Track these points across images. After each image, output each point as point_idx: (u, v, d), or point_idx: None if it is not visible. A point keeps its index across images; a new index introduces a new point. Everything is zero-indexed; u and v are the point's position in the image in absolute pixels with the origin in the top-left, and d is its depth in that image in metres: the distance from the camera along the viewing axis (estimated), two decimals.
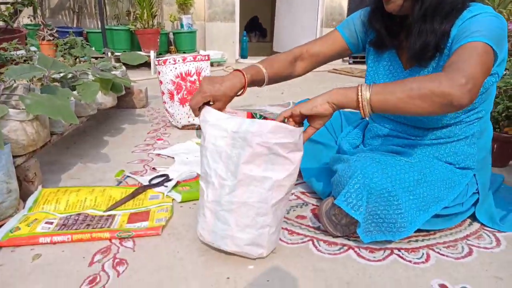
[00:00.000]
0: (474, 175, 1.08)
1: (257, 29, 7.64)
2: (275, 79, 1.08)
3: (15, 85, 1.26)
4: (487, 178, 1.13)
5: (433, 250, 1.00)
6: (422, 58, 0.98)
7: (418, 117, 1.05)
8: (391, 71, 1.10)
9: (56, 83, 1.56)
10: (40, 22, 3.79)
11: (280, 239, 1.03)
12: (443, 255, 0.98)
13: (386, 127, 1.14)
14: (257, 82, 1.03)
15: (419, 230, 1.05)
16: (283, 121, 0.88)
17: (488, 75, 0.85)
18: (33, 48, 2.10)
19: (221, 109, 0.93)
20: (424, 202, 0.97)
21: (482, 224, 1.12)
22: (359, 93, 0.83)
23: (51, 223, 1.06)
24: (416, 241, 1.03)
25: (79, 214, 1.11)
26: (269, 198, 0.87)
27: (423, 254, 0.98)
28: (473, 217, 1.13)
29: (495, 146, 1.51)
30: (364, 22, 1.12)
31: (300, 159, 0.89)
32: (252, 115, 1.00)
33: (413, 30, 0.95)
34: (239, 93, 0.97)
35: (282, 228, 1.08)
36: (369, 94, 0.82)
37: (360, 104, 0.83)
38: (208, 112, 0.89)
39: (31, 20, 4.05)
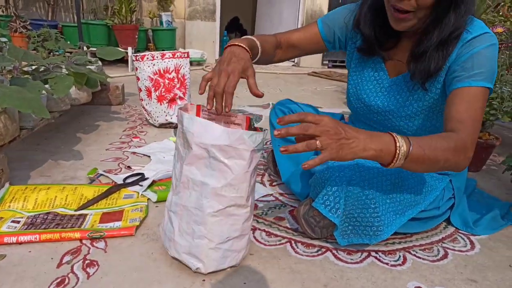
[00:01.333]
0: (450, 180, 1.10)
1: (237, 30, 7.62)
2: (259, 59, 1.01)
3: None
4: (462, 183, 1.15)
5: (409, 252, 1.00)
6: (428, 80, 0.96)
7: (401, 129, 1.06)
8: (376, 78, 1.07)
9: (27, 76, 1.49)
10: (12, 13, 3.65)
11: (258, 241, 1.01)
12: (420, 257, 0.99)
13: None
14: (253, 55, 0.96)
15: (396, 233, 1.05)
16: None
17: None
18: (3, 39, 2.01)
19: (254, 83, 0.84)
20: (401, 206, 0.98)
21: (457, 228, 1.13)
22: (397, 146, 0.75)
23: (18, 222, 1.00)
24: (393, 243, 1.04)
25: (48, 213, 1.06)
26: (204, 206, 0.80)
27: (400, 256, 0.98)
28: (449, 221, 1.15)
29: None
30: (347, 24, 1.09)
31: (247, 171, 0.79)
32: (250, 120, 0.94)
33: (427, 55, 0.92)
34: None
35: (260, 229, 1.07)
36: (407, 149, 0.75)
37: (396, 158, 0.75)
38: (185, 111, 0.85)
39: (2, 11, 3.89)
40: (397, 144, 0.75)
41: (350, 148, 0.71)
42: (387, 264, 0.95)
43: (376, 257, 0.97)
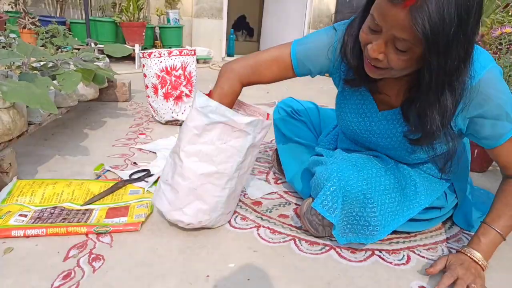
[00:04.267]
0: (452, 184, 1.09)
1: (244, 28, 7.62)
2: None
3: None
4: (465, 184, 1.14)
5: (413, 252, 1.00)
6: (434, 138, 0.85)
7: (396, 158, 1.02)
8: (364, 111, 0.99)
9: (36, 71, 1.50)
10: (21, 10, 3.68)
11: (262, 238, 1.02)
12: (424, 257, 0.98)
13: (361, 147, 1.11)
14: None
15: (399, 232, 1.05)
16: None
17: None
18: (12, 35, 2.03)
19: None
20: (399, 206, 0.97)
21: (460, 227, 1.13)
22: (480, 264, 0.89)
23: (25, 216, 1.02)
24: (397, 242, 1.04)
25: (55, 208, 1.07)
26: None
27: (403, 255, 0.98)
28: (453, 221, 1.15)
29: (475, 151, 1.53)
30: (330, 59, 0.97)
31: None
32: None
33: (423, 110, 0.80)
34: None
35: (264, 226, 1.07)
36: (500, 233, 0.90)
37: (484, 266, 0.89)
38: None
39: (12, 8, 3.93)
40: (480, 263, 0.89)
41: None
42: (391, 263, 0.95)
43: (380, 256, 0.97)
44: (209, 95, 0.99)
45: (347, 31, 0.90)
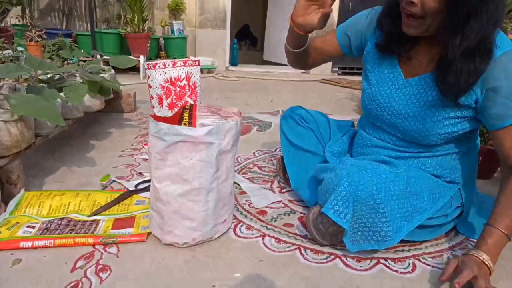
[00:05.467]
0: (459, 189, 1.09)
1: (247, 38, 7.67)
2: (306, 52, 1.15)
3: (0, 84, 1.24)
4: (471, 193, 1.14)
5: (419, 260, 1.00)
6: (461, 96, 0.94)
7: (414, 135, 1.05)
8: (391, 79, 1.07)
9: (43, 84, 1.53)
10: (28, 23, 3.74)
11: (267, 247, 1.02)
12: (429, 265, 0.98)
13: (375, 137, 1.15)
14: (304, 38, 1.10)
15: (404, 241, 1.05)
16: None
17: None
18: (20, 48, 2.06)
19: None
20: (409, 212, 0.98)
21: (465, 235, 1.13)
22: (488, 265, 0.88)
23: (33, 227, 1.03)
24: (403, 251, 1.04)
25: (62, 219, 1.08)
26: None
27: (409, 264, 0.98)
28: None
29: (480, 158, 1.53)
30: (368, 24, 1.11)
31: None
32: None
33: (452, 68, 0.90)
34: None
35: (269, 235, 1.08)
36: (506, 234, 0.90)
37: (490, 267, 0.89)
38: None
39: (19, 21, 3.99)
40: (487, 263, 0.88)
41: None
42: (396, 271, 0.95)
43: (385, 264, 0.97)
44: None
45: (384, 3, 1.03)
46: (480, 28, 0.85)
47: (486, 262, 0.87)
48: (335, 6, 4.72)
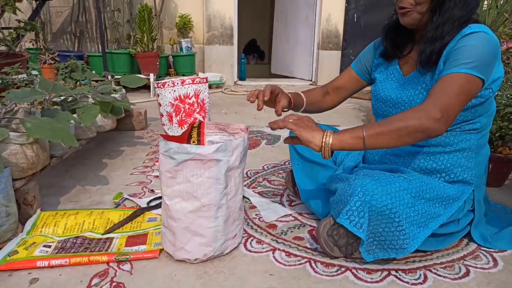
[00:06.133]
0: (473, 190, 1.09)
1: (255, 52, 7.75)
2: (311, 107, 1.30)
3: (16, 108, 1.28)
4: (481, 196, 1.14)
5: (430, 270, 1.00)
6: (429, 62, 1.05)
7: None
8: (392, 78, 1.19)
9: (57, 106, 1.58)
10: (41, 46, 3.85)
11: (278, 261, 1.03)
12: (440, 275, 0.98)
13: None
14: (297, 104, 1.25)
15: (415, 251, 1.05)
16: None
17: (467, 101, 0.95)
18: (34, 72, 2.13)
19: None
20: (424, 218, 0.98)
21: (478, 244, 1.12)
22: (362, 135, 0.93)
23: (49, 246, 1.06)
24: (413, 261, 1.04)
25: (77, 237, 1.11)
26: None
27: (420, 275, 0.98)
28: (470, 237, 1.14)
29: (490, 166, 1.52)
30: (375, 46, 1.27)
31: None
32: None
33: (426, 38, 1.03)
34: (286, 108, 1.21)
35: (279, 249, 1.09)
36: (363, 134, 0.93)
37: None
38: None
39: (33, 44, 4.12)
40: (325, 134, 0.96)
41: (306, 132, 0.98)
42: (407, 283, 0.95)
43: (396, 276, 0.97)
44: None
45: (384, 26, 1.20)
46: (454, 7, 0.99)
47: (325, 133, 0.96)
48: (342, 17, 4.76)
